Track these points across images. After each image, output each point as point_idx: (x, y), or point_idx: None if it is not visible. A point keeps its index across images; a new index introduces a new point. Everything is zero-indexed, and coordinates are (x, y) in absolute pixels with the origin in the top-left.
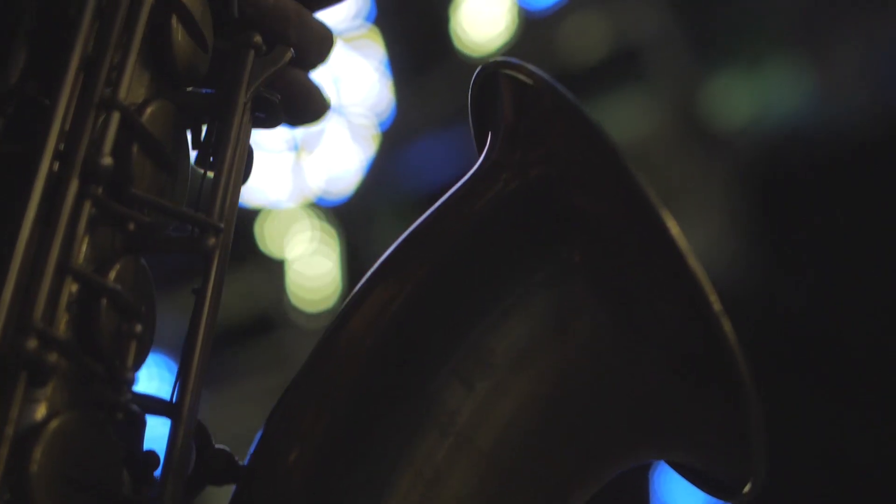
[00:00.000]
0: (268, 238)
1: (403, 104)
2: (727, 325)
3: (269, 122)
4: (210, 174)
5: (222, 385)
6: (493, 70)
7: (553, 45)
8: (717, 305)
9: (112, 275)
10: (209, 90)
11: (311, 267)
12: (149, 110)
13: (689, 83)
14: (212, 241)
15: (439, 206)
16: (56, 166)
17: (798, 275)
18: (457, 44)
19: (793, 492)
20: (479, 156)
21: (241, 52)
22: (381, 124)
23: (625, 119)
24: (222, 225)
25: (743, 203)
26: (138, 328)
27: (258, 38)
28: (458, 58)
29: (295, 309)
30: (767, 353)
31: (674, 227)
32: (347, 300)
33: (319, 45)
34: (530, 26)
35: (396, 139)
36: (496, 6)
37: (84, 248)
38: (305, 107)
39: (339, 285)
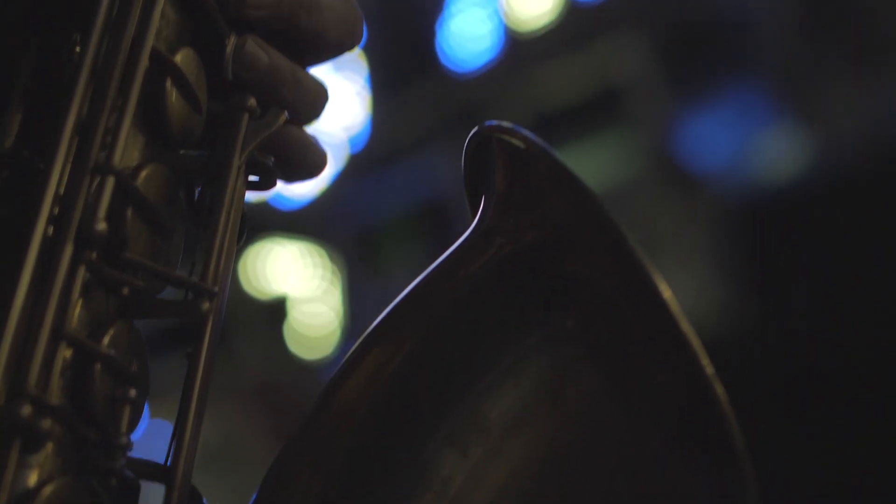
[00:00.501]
0: None
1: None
2: (720, 390)
3: (263, 185)
4: (205, 234)
5: None
6: (487, 134)
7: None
8: (709, 369)
9: (106, 340)
10: (203, 152)
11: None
12: (143, 174)
13: (668, 125)
14: (206, 305)
15: (434, 269)
16: (50, 230)
17: (783, 315)
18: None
19: None
20: (473, 219)
21: (235, 115)
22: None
23: (604, 161)
24: (216, 289)
25: (726, 245)
26: (132, 393)
27: (252, 102)
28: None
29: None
30: (754, 393)
31: (666, 292)
32: (342, 362)
33: (314, 101)
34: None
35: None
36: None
37: (78, 312)
38: (302, 163)
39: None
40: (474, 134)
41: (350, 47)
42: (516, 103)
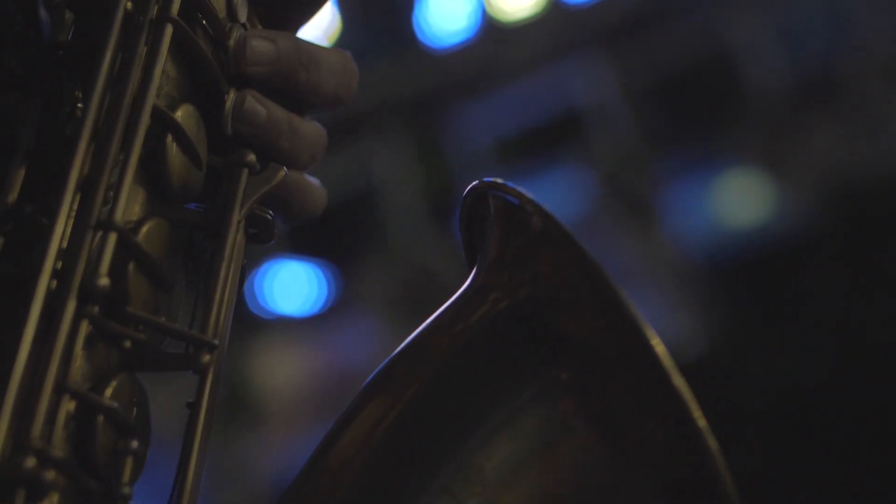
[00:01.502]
0: None
1: None
2: (713, 443)
3: (262, 238)
4: (205, 286)
5: None
6: (482, 190)
7: None
8: (701, 422)
9: (108, 392)
10: (203, 205)
11: None
12: (144, 229)
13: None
14: (206, 357)
15: (430, 324)
16: (54, 285)
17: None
18: None
19: None
20: (470, 273)
21: (234, 170)
22: None
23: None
24: (216, 341)
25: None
26: (134, 445)
27: (252, 158)
28: None
29: None
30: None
31: (658, 347)
32: (340, 416)
33: (311, 148)
34: None
35: None
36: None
37: (81, 365)
38: (301, 206)
39: None
40: (470, 189)
41: (346, 100)
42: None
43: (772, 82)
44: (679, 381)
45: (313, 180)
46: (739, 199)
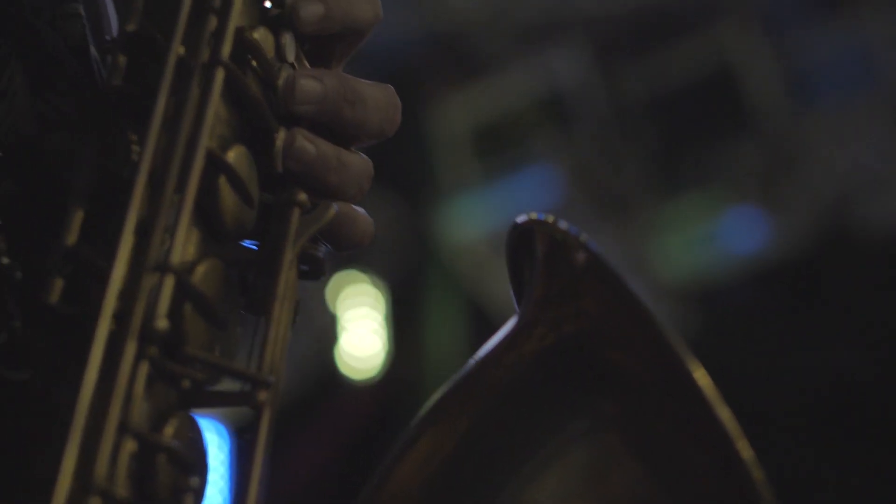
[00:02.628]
0: None
1: None
2: (757, 474)
3: (313, 275)
4: (259, 323)
5: None
6: (527, 226)
7: None
8: (745, 453)
9: (169, 431)
10: (255, 242)
11: None
12: (200, 270)
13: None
14: (262, 395)
15: (480, 358)
16: (113, 327)
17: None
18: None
19: None
20: (517, 309)
21: (286, 209)
22: None
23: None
24: (272, 378)
25: None
26: (195, 482)
27: (303, 197)
28: None
29: None
30: None
31: (702, 379)
32: (393, 449)
33: (358, 180)
34: None
35: None
36: None
37: (141, 405)
38: (350, 236)
39: None
40: (515, 227)
41: (390, 133)
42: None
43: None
44: (723, 412)
45: (360, 210)
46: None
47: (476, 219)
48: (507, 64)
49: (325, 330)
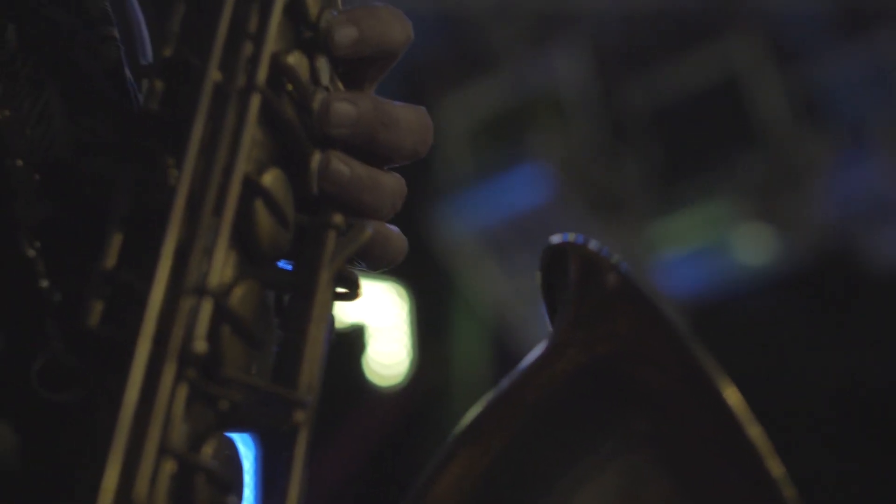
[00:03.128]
0: None
1: None
2: (789, 491)
3: (348, 296)
4: (295, 344)
5: None
6: (560, 248)
7: None
8: (776, 471)
9: (207, 451)
10: (290, 263)
11: None
12: (237, 292)
13: None
14: (299, 415)
15: (513, 378)
16: (152, 350)
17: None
18: None
19: None
20: (551, 329)
21: (321, 232)
22: None
23: None
24: (309, 398)
25: None
26: (232, 501)
27: (339, 219)
28: None
29: None
30: None
31: (731, 398)
32: (430, 467)
33: (392, 199)
34: None
35: None
36: None
37: (180, 426)
38: (383, 255)
39: None
40: (548, 248)
41: (423, 154)
42: None
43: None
44: (754, 430)
45: (393, 229)
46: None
47: (469, 215)
48: (512, 61)
49: (353, 337)
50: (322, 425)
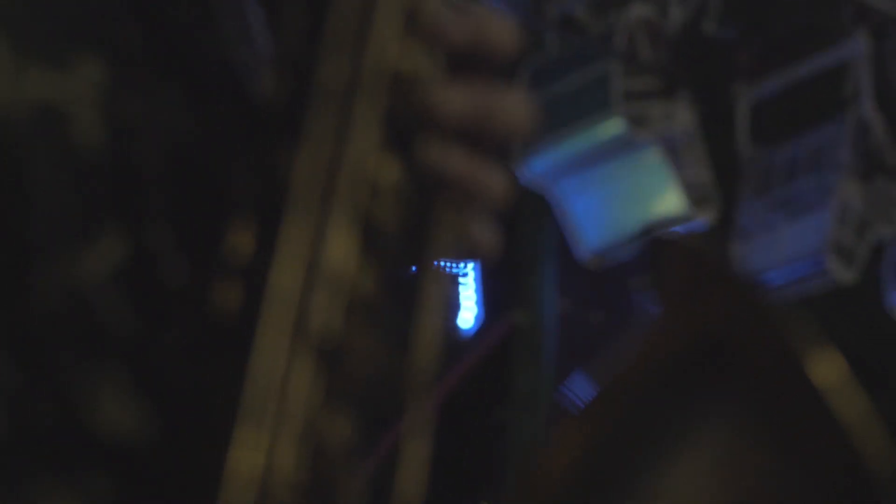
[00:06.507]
0: None
1: None
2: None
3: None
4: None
5: None
6: (664, 240)
7: None
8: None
9: (336, 432)
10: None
11: None
12: (360, 276)
13: None
14: (420, 394)
15: (618, 363)
16: (278, 334)
17: None
18: None
19: None
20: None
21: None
22: None
23: None
24: (427, 377)
25: None
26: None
27: (447, 206)
28: None
29: None
30: None
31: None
32: (542, 445)
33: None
34: None
35: None
36: None
37: (307, 410)
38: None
39: None
40: (651, 241)
41: (528, 138)
42: None
43: None
44: (849, 415)
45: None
46: None
47: None
48: None
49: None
50: None
